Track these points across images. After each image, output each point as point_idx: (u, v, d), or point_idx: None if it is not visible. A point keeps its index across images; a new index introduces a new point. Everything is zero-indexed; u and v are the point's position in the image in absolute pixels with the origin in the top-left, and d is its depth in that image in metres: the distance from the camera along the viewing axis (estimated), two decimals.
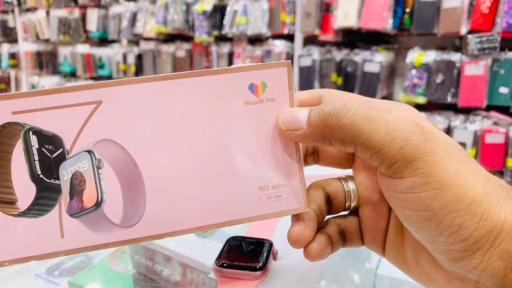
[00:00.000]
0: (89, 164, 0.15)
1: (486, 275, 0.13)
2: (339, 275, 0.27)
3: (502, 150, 0.95)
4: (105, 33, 1.79)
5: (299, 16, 1.20)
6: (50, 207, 0.15)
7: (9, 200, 0.14)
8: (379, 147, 0.13)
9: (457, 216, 0.13)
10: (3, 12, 2.28)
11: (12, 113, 0.14)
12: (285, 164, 0.16)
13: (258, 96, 0.16)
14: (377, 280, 0.26)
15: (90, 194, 0.15)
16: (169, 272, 0.25)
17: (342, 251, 0.28)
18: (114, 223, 0.15)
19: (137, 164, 0.15)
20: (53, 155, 0.15)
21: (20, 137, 0.14)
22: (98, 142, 0.15)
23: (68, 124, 0.15)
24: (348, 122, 0.14)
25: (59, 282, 0.25)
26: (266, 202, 0.16)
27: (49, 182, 0.15)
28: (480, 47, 0.94)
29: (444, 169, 0.13)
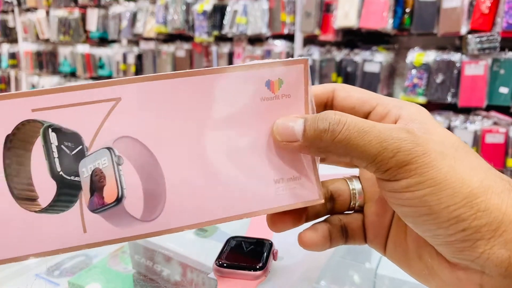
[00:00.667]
0: (109, 161, 0.15)
1: (490, 264, 0.13)
2: (339, 275, 0.27)
3: (502, 150, 0.95)
4: (105, 33, 1.79)
5: (299, 16, 1.20)
6: (71, 203, 0.15)
7: (30, 197, 0.15)
8: (372, 158, 0.14)
9: (454, 209, 0.13)
10: (3, 12, 2.28)
11: (31, 111, 0.14)
12: (299, 157, 0.17)
13: (274, 92, 0.16)
14: (377, 280, 0.26)
15: (111, 190, 0.15)
16: (169, 272, 0.25)
17: (342, 251, 0.28)
18: (135, 218, 0.15)
19: (157, 159, 0.15)
20: (72, 152, 0.15)
21: (40, 134, 0.14)
22: (118, 139, 0.15)
23: (87, 121, 0.15)
24: (342, 138, 0.14)
25: (59, 282, 0.25)
26: (282, 195, 0.17)
27: (69, 179, 0.15)
28: (480, 47, 0.94)
29: (436, 168, 0.14)
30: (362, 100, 0.17)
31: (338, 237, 0.18)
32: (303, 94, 0.16)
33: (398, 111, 0.16)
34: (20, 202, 0.14)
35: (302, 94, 0.16)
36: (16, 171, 0.14)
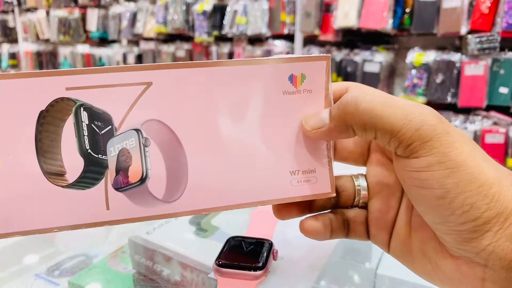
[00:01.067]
0: (136, 142, 0.15)
1: (494, 257, 0.13)
2: (339, 275, 0.27)
3: (502, 150, 0.95)
4: (105, 33, 1.79)
5: (299, 16, 1.20)
6: (97, 181, 0.15)
7: (59, 172, 0.15)
8: (397, 129, 0.14)
9: (469, 196, 0.13)
10: (3, 12, 2.28)
11: (66, 89, 0.15)
12: (316, 151, 0.17)
13: (296, 87, 0.17)
14: (377, 280, 0.26)
15: (136, 170, 0.16)
16: (169, 272, 0.25)
17: (342, 251, 0.29)
18: (157, 198, 0.16)
19: (182, 144, 0.16)
20: (102, 131, 0.15)
21: (72, 112, 0.15)
22: (146, 121, 0.15)
23: (118, 103, 0.15)
24: (366, 107, 0.15)
25: (59, 282, 0.25)
26: (296, 186, 0.17)
27: (96, 157, 0.15)
28: (480, 47, 0.94)
29: (458, 150, 0.14)
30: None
31: (340, 230, 0.18)
32: (323, 89, 0.17)
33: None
34: (48, 176, 0.15)
35: (322, 90, 0.17)
36: (46, 146, 0.15)
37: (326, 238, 0.18)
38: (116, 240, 0.29)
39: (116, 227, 0.32)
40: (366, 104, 0.15)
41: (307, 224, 0.18)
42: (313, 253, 0.24)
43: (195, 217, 0.30)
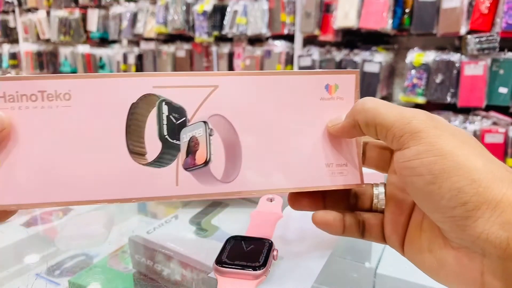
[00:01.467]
0: (203, 132, 0.19)
1: (489, 246, 0.14)
2: (339, 275, 0.27)
3: (501, 150, 0.95)
4: (106, 33, 1.79)
5: (299, 16, 1.21)
6: (170, 161, 0.19)
7: (141, 153, 0.19)
8: (391, 123, 0.17)
9: (456, 180, 0.14)
10: (4, 12, 2.28)
11: (152, 87, 0.19)
12: (347, 148, 0.21)
13: (331, 94, 0.20)
14: (377, 280, 0.26)
15: (201, 154, 0.19)
16: (169, 271, 0.25)
17: (342, 251, 0.29)
18: (217, 178, 0.19)
19: (238, 135, 0.19)
20: (177, 122, 0.19)
21: (155, 105, 0.19)
22: (212, 115, 0.19)
23: (191, 100, 0.19)
24: (370, 106, 0.18)
25: (59, 282, 0.25)
26: (331, 176, 0.20)
27: (172, 142, 0.19)
28: (480, 47, 0.94)
29: (446, 141, 0.15)
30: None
31: (354, 229, 0.20)
32: (353, 97, 0.20)
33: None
34: (133, 155, 0.18)
35: (352, 98, 0.20)
36: (133, 131, 0.18)
37: (338, 233, 0.20)
38: (116, 239, 0.29)
39: (116, 227, 0.32)
40: (370, 104, 0.18)
41: (318, 215, 0.20)
42: (313, 253, 0.24)
43: (195, 217, 0.30)
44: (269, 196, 0.30)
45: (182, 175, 0.19)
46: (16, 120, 0.18)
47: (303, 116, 0.20)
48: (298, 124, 0.20)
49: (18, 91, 0.17)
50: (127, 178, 0.18)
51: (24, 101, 0.18)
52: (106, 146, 0.18)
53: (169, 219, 0.30)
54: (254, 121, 0.20)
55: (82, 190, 0.18)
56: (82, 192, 0.18)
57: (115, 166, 0.18)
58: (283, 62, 1.29)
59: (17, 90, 0.17)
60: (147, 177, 0.19)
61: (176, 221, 0.29)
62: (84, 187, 0.18)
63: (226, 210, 0.32)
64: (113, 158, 0.18)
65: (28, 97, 0.18)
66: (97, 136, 0.18)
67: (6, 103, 0.17)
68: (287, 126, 0.20)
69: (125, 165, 0.18)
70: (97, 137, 0.18)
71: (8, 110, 0.17)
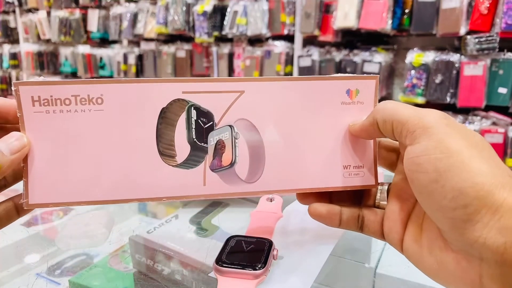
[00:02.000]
0: (230, 135, 0.20)
1: (487, 251, 0.14)
2: (339, 275, 0.27)
3: (501, 150, 0.95)
4: (106, 33, 1.79)
5: (298, 16, 1.21)
6: (198, 163, 0.20)
7: (171, 155, 0.20)
8: (406, 119, 0.17)
9: (459, 181, 0.15)
10: (4, 12, 2.28)
11: (182, 92, 0.19)
12: (365, 151, 0.21)
13: (351, 99, 0.21)
14: (376, 279, 0.26)
15: (227, 156, 0.20)
16: (170, 271, 0.25)
17: (342, 250, 0.29)
18: (241, 179, 0.20)
19: (262, 138, 0.20)
20: (205, 126, 0.20)
21: (185, 110, 0.19)
22: (238, 120, 0.20)
23: (219, 105, 0.20)
24: (390, 106, 0.19)
25: (60, 282, 0.25)
26: (348, 177, 0.21)
27: (200, 145, 0.20)
28: (479, 47, 0.94)
29: (454, 140, 0.16)
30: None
31: (352, 223, 0.21)
32: (373, 102, 0.21)
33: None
34: (163, 157, 0.19)
35: (372, 102, 0.21)
36: (164, 134, 0.19)
37: (333, 225, 0.21)
38: (117, 239, 0.29)
39: (117, 227, 0.32)
40: (390, 104, 0.19)
41: (312, 207, 0.21)
42: (313, 252, 0.24)
43: (195, 217, 0.30)
44: (269, 196, 0.30)
45: (209, 176, 0.20)
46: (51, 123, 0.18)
47: (324, 120, 0.21)
48: (320, 127, 0.21)
49: (52, 95, 0.18)
50: (158, 178, 0.19)
51: (59, 105, 0.18)
52: (137, 148, 0.19)
53: (169, 219, 0.30)
54: (277, 124, 0.20)
55: (114, 190, 0.19)
56: (114, 192, 0.19)
57: (146, 168, 0.19)
58: (283, 63, 1.29)
59: (52, 94, 0.18)
60: (177, 178, 0.20)
61: (176, 220, 0.29)
62: (116, 187, 0.19)
63: (226, 210, 0.32)
64: (145, 160, 0.19)
65: (62, 101, 0.18)
66: (129, 139, 0.19)
67: (41, 106, 0.18)
68: (309, 129, 0.21)
69: (156, 167, 0.19)
70: (129, 140, 0.19)
71: (43, 114, 0.18)
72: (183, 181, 0.20)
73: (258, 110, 0.20)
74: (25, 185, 0.18)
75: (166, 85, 0.19)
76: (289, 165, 0.21)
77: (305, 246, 0.25)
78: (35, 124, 0.18)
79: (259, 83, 0.20)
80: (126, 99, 0.19)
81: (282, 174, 0.21)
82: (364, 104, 0.21)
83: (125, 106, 0.19)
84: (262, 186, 0.20)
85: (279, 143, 0.21)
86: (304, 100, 0.20)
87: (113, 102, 0.19)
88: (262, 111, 0.20)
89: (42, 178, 0.18)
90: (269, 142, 0.20)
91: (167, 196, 0.20)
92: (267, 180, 0.20)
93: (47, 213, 0.35)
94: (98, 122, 0.19)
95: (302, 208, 0.22)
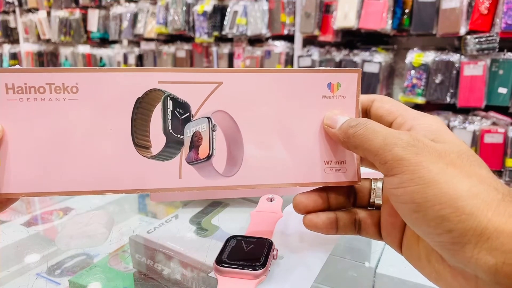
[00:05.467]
0: (207, 127, 0.19)
1: (480, 270, 0.14)
2: (339, 275, 0.27)
3: (501, 150, 0.95)
4: (106, 33, 1.79)
5: (298, 17, 1.21)
6: (174, 155, 0.19)
7: (146, 146, 0.19)
8: (376, 150, 0.17)
9: (440, 208, 0.14)
10: (4, 12, 2.28)
11: (158, 82, 0.19)
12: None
13: (333, 93, 0.20)
14: (376, 279, 0.26)
15: (204, 149, 0.20)
16: (170, 271, 0.25)
17: (342, 250, 0.29)
18: (218, 172, 0.20)
19: (240, 131, 0.20)
20: (181, 117, 0.19)
21: (161, 100, 0.19)
22: (215, 111, 0.19)
23: (196, 96, 0.19)
24: (360, 133, 0.18)
25: (60, 282, 0.25)
26: (329, 173, 0.21)
27: (176, 136, 0.19)
28: (479, 47, 0.94)
29: (427, 168, 0.15)
30: (389, 111, 0.20)
31: (349, 228, 0.21)
32: (355, 96, 0.21)
33: (413, 121, 0.19)
34: (138, 149, 0.19)
35: (354, 96, 0.21)
36: (139, 125, 0.19)
37: (331, 233, 0.21)
38: (117, 239, 0.29)
39: (117, 227, 0.32)
40: (360, 131, 0.18)
41: (307, 218, 0.21)
42: (313, 252, 0.24)
43: (195, 217, 0.30)
44: (269, 196, 0.30)
45: (185, 169, 0.19)
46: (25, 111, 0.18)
47: (304, 114, 0.20)
48: (300, 121, 0.20)
49: (26, 83, 0.18)
50: (133, 170, 0.19)
51: (33, 93, 0.18)
52: (112, 138, 0.19)
53: (169, 218, 0.30)
54: (256, 117, 0.20)
55: (87, 180, 0.19)
56: (87, 183, 0.19)
57: (120, 158, 0.19)
58: (283, 63, 1.29)
59: (26, 82, 0.18)
60: (152, 170, 0.19)
61: (176, 220, 0.29)
62: (90, 178, 0.19)
63: (226, 209, 0.32)
64: (119, 151, 0.19)
65: (37, 89, 0.18)
66: (103, 129, 0.19)
67: (15, 94, 0.18)
68: (289, 123, 0.20)
69: (131, 158, 0.19)
70: (103, 130, 0.19)
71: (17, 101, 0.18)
72: (158, 174, 0.19)
73: (236, 102, 0.19)
74: None
75: (142, 75, 0.19)
76: (268, 159, 0.20)
77: (305, 246, 0.25)
78: (9, 112, 0.18)
79: (238, 74, 0.19)
80: (101, 88, 0.18)
81: (261, 168, 0.20)
82: (345, 98, 0.20)
83: (100, 96, 0.18)
84: (240, 180, 0.20)
85: (258, 136, 0.20)
86: (284, 93, 0.20)
87: (88, 91, 0.18)
88: (240, 103, 0.20)
89: (15, 167, 0.18)
90: (248, 135, 0.20)
91: (142, 188, 0.19)
92: (245, 174, 0.20)
93: (47, 213, 0.35)
94: (73, 111, 0.18)
95: None
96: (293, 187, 0.21)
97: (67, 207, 0.36)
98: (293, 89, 0.20)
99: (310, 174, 0.20)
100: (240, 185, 0.20)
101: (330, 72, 0.20)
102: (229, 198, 0.33)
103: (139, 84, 0.19)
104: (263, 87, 0.20)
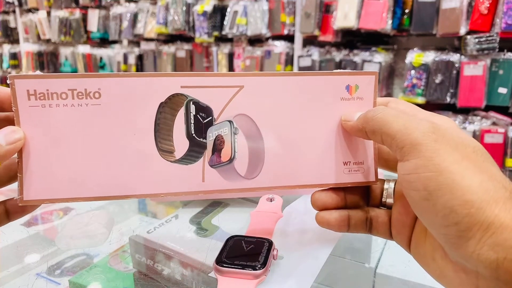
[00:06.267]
0: (229, 130, 0.20)
1: (481, 266, 0.14)
2: (339, 275, 0.27)
3: (501, 150, 0.95)
4: (106, 33, 1.79)
5: (298, 17, 1.21)
6: (197, 159, 0.20)
7: (169, 150, 0.19)
8: (394, 133, 0.17)
9: (449, 199, 0.14)
10: (4, 12, 2.28)
11: (180, 87, 0.19)
12: (365, 147, 0.21)
13: (351, 95, 0.21)
14: (376, 279, 0.26)
15: (226, 152, 0.20)
16: (170, 271, 0.25)
17: (342, 250, 0.29)
18: (240, 175, 0.20)
19: (262, 134, 0.20)
20: (204, 121, 0.20)
21: (183, 105, 0.19)
22: (237, 115, 0.20)
23: (218, 100, 0.20)
24: (380, 116, 0.18)
25: (60, 282, 0.25)
26: (348, 174, 0.21)
27: (199, 140, 0.20)
28: (479, 47, 0.94)
29: (442, 156, 0.15)
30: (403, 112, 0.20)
31: (361, 226, 0.21)
32: (372, 97, 0.21)
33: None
34: (161, 153, 0.19)
35: (371, 98, 0.21)
36: (162, 129, 0.19)
37: (342, 231, 0.21)
38: (117, 239, 0.29)
39: (117, 227, 0.32)
40: (380, 114, 0.18)
41: (319, 216, 0.21)
42: (313, 252, 0.24)
43: (195, 217, 0.30)
44: (269, 196, 0.30)
45: (208, 172, 0.20)
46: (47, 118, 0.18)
47: (324, 116, 0.21)
48: (319, 123, 0.21)
49: (48, 89, 0.18)
50: (156, 174, 0.19)
51: (55, 99, 0.18)
52: (135, 143, 0.19)
53: (169, 218, 0.30)
54: (277, 120, 0.20)
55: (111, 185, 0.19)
56: (111, 188, 0.19)
57: (144, 163, 0.19)
58: (283, 63, 1.29)
59: (48, 88, 0.18)
60: (175, 174, 0.19)
61: (176, 220, 0.29)
62: (114, 183, 0.19)
63: (226, 209, 0.32)
64: (143, 155, 0.19)
65: (59, 95, 0.18)
66: (126, 134, 0.19)
67: (37, 100, 0.18)
68: (309, 124, 0.21)
69: (154, 162, 0.19)
70: (126, 135, 0.19)
71: (39, 108, 0.18)
72: (181, 177, 0.19)
73: (257, 105, 0.20)
74: (20, 181, 0.18)
75: (165, 79, 0.19)
76: (289, 161, 0.20)
77: (305, 246, 0.25)
78: (31, 118, 0.18)
79: (259, 78, 0.20)
80: (124, 94, 0.18)
81: (282, 170, 0.20)
82: (363, 100, 0.21)
83: (123, 101, 0.18)
84: (262, 182, 0.20)
85: (278, 138, 0.20)
86: (304, 96, 0.20)
87: (110, 97, 0.18)
88: (261, 106, 0.20)
89: (37, 173, 0.18)
90: (269, 138, 0.20)
91: (165, 192, 0.19)
92: (266, 176, 0.20)
93: (47, 213, 0.35)
94: (95, 116, 0.18)
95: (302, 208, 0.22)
96: (313, 188, 0.21)
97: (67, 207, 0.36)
98: (312, 91, 0.20)
99: (329, 175, 0.21)
100: (262, 187, 0.20)
101: (349, 74, 0.21)
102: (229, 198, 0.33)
103: (162, 89, 0.19)
104: (283, 90, 0.20)
